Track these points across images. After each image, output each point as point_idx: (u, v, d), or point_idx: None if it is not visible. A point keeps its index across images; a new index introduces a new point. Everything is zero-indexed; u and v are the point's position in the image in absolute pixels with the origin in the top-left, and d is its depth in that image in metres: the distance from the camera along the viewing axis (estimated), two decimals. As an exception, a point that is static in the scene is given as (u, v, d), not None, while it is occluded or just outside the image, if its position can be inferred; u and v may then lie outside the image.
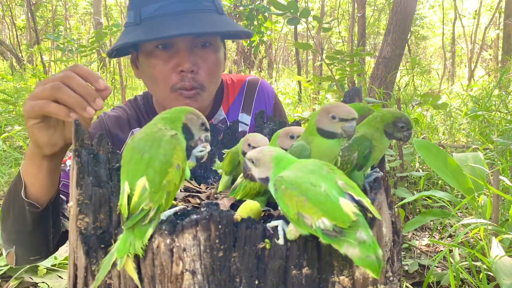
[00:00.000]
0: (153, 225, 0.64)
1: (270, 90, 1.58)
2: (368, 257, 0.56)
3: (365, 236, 0.56)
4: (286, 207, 0.61)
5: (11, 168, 3.71)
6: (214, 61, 1.29)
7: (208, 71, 1.27)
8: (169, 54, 1.23)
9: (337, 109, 0.72)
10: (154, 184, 0.62)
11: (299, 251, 0.63)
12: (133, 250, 0.63)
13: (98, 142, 0.84)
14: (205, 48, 1.27)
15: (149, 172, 0.63)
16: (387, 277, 0.72)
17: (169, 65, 1.23)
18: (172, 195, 0.64)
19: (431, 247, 2.45)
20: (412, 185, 3.15)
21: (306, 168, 0.63)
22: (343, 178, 0.62)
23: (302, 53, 11.63)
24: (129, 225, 0.62)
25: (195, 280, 0.61)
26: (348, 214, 0.56)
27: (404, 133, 0.82)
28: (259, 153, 0.68)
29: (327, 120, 0.72)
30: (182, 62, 1.22)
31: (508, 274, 1.44)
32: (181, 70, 1.23)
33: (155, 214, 0.63)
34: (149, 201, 0.62)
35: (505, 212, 2.26)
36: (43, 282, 1.89)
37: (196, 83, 1.25)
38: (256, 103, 1.53)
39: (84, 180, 0.73)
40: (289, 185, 0.60)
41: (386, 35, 4.64)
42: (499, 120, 4.30)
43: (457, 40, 16.10)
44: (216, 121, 1.46)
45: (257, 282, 0.62)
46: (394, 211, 0.79)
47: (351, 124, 0.71)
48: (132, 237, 0.63)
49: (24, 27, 14.05)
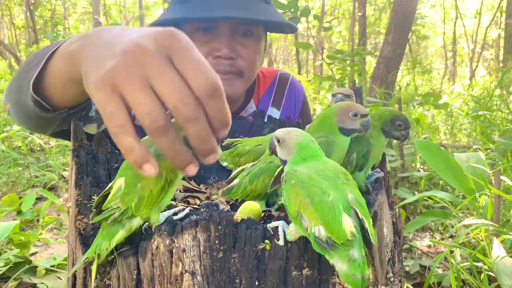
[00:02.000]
0: (123, 230, 0.63)
1: (300, 87, 1.55)
2: (354, 275, 0.56)
3: (357, 255, 0.56)
4: (289, 201, 0.60)
5: (10, 168, 3.71)
6: (255, 50, 1.23)
7: (248, 59, 1.21)
8: (208, 38, 1.17)
9: (354, 107, 0.78)
10: (129, 186, 0.62)
11: (299, 252, 0.63)
12: (98, 251, 0.63)
13: (97, 142, 0.83)
14: (247, 36, 1.21)
15: (128, 173, 0.63)
16: (388, 278, 0.72)
17: (206, 47, 1.16)
18: (146, 202, 0.62)
19: (432, 248, 2.45)
20: (413, 185, 3.14)
21: (324, 173, 0.61)
22: (355, 192, 0.61)
23: (303, 53, 11.63)
24: (95, 220, 0.62)
25: (194, 281, 0.61)
26: (346, 232, 0.56)
27: (402, 132, 0.82)
28: (286, 134, 0.68)
29: (348, 119, 0.78)
30: (221, 47, 1.16)
31: (510, 275, 1.43)
32: (218, 56, 1.16)
33: (120, 216, 0.62)
34: (119, 201, 0.62)
35: (506, 212, 2.25)
36: (42, 283, 1.88)
37: (234, 68, 1.18)
38: (286, 98, 1.49)
39: (83, 180, 0.73)
40: (299, 182, 0.60)
41: (387, 35, 4.64)
42: (501, 120, 4.29)
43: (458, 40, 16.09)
44: (247, 114, 1.41)
45: (257, 283, 0.62)
46: (395, 212, 0.79)
47: (368, 119, 0.78)
48: (101, 238, 0.63)
49: (23, 27, 14.05)
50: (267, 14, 1.17)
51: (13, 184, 3.55)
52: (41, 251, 2.43)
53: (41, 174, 3.68)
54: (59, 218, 2.86)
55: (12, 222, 2.02)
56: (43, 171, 3.68)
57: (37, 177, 3.69)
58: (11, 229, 1.92)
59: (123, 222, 0.64)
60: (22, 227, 2.64)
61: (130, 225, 0.64)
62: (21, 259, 2.00)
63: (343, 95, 0.96)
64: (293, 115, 1.50)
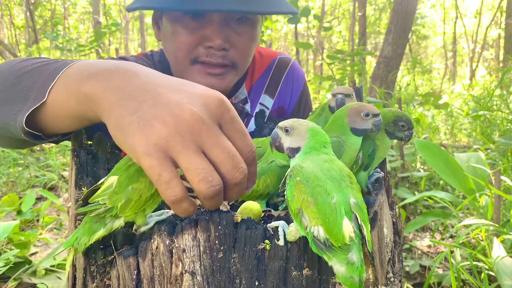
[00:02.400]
0: (104, 229, 0.64)
1: (301, 74, 1.39)
2: (352, 278, 0.56)
3: (355, 258, 0.56)
4: (292, 197, 0.60)
5: (10, 168, 3.71)
6: (250, 38, 1.11)
7: (242, 49, 1.09)
8: (198, 24, 1.05)
9: (366, 107, 0.77)
10: (120, 185, 0.62)
11: (299, 252, 0.63)
12: (76, 244, 0.63)
13: (97, 142, 0.83)
14: (241, 23, 1.08)
15: (123, 174, 0.63)
16: (388, 278, 0.72)
17: (195, 35, 1.05)
18: (133, 206, 0.63)
19: (432, 248, 2.44)
20: (413, 185, 3.14)
21: (330, 172, 0.61)
22: (357, 196, 0.61)
23: (303, 53, 11.63)
24: (79, 211, 0.62)
25: (194, 281, 0.61)
26: (344, 236, 0.56)
27: (406, 133, 0.82)
28: (294, 122, 0.67)
29: (360, 119, 0.77)
30: (213, 37, 1.04)
31: (510, 275, 1.43)
32: (210, 46, 1.05)
33: (104, 213, 0.62)
34: (107, 198, 0.62)
35: (506, 212, 2.25)
36: (42, 283, 1.88)
37: (227, 60, 1.07)
38: (282, 86, 1.34)
39: (83, 180, 0.73)
40: (304, 180, 0.59)
41: (387, 35, 4.64)
42: (501, 120, 4.29)
43: (458, 40, 16.09)
44: (237, 100, 1.28)
45: (257, 283, 0.62)
46: (395, 212, 0.79)
47: (379, 118, 0.78)
48: (81, 231, 0.64)
49: (23, 26, 14.06)
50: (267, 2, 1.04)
51: (13, 184, 3.56)
52: (41, 251, 2.43)
53: (41, 174, 3.69)
54: (59, 218, 2.87)
55: (12, 222, 2.02)
56: (43, 171, 3.69)
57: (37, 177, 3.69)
58: (11, 229, 1.93)
59: (105, 220, 0.64)
60: (22, 227, 2.64)
61: (111, 225, 0.64)
62: (21, 259, 2.00)
63: (343, 94, 0.96)
64: (288, 105, 1.37)
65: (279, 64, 1.35)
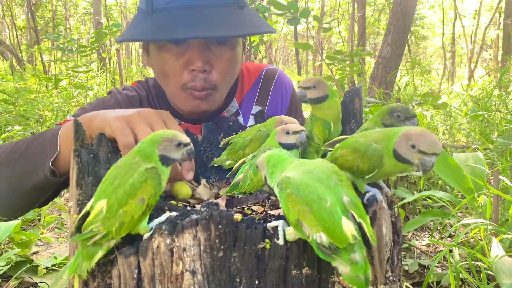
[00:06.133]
0: (102, 250, 0.65)
1: (288, 83, 1.48)
2: (357, 277, 0.57)
3: (359, 257, 0.57)
4: (287, 210, 0.61)
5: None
6: (230, 59, 1.19)
7: (222, 70, 1.18)
8: (181, 50, 1.15)
9: (418, 138, 0.64)
10: (111, 210, 0.63)
11: (299, 251, 0.63)
12: (79, 271, 0.64)
13: (98, 142, 0.84)
14: (221, 44, 1.16)
15: (111, 197, 0.64)
16: (387, 277, 0.72)
17: (180, 61, 1.15)
18: (126, 227, 0.64)
19: (431, 247, 2.45)
20: (412, 185, 3.14)
21: (313, 174, 0.62)
22: (350, 193, 0.61)
23: (302, 53, 11.63)
24: (75, 240, 0.63)
25: (195, 280, 0.61)
26: (347, 236, 0.56)
27: (406, 123, 0.81)
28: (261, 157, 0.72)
29: (406, 147, 0.65)
30: (194, 60, 1.14)
31: (508, 274, 1.44)
32: (193, 69, 1.15)
33: (101, 239, 0.63)
34: (100, 224, 0.63)
35: (505, 212, 2.26)
36: (43, 282, 1.89)
37: (207, 83, 1.17)
38: (272, 96, 1.43)
39: (84, 180, 0.73)
40: (295, 191, 0.60)
41: (386, 35, 4.64)
42: (499, 120, 4.29)
43: (457, 40, 16.10)
44: (229, 114, 1.37)
45: (257, 282, 0.62)
46: (394, 211, 0.79)
47: (431, 159, 0.63)
48: (81, 258, 0.65)
49: (24, 27, 14.04)
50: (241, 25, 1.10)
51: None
52: (42, 250, 2.44)
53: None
54: (60, 218, 2.87)
55: (13, 222, 2.03)
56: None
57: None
58: (12, 228, 1.93)
59: (102, 243, 0.65)
60: (23, 227, 2.64)
61: (108, 245, 0.66)
62: (22, 258, 2.00)
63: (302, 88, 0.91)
64: (279, 113, 1.43)
65: (267, 76, 1.46)
